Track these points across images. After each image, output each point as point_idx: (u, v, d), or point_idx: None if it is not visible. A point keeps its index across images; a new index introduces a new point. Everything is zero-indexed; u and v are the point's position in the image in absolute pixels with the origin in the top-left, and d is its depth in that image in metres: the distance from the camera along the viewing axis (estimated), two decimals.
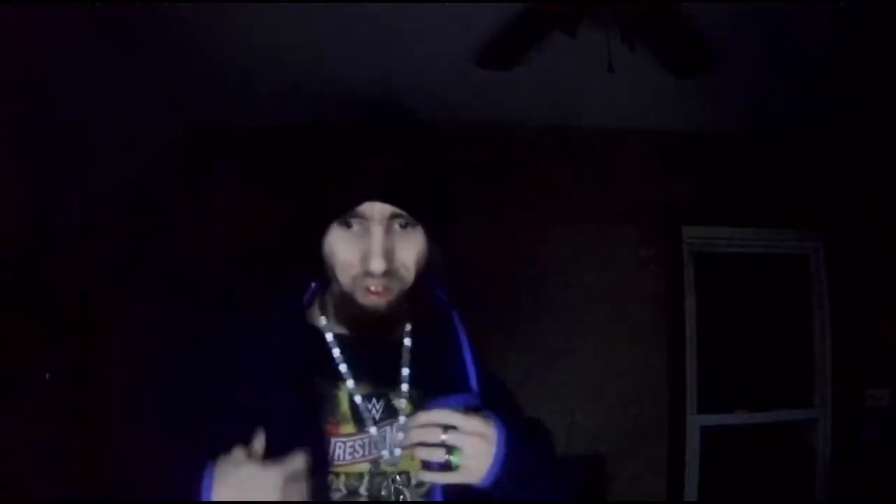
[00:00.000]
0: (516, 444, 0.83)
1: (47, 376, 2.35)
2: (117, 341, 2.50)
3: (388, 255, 0.80)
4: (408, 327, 0.94)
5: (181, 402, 0.83)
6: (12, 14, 1.67)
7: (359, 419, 0.86)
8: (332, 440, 0.83)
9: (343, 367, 0.87)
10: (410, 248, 0.82)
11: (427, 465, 0.83)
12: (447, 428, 0.81)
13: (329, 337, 0.89)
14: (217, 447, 0.77)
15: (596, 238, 2.95)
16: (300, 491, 0.76)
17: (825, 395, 2.99)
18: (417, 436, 0.82)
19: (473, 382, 0.92)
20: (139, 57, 2.22)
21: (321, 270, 0.85)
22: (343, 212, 0.80)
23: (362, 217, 0.80)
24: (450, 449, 0.81)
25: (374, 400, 0.87)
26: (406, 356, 0.91)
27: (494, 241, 2.72)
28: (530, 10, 1.84)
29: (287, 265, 0.91)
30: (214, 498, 0.73)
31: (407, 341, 0.92)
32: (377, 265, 0.79)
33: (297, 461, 0.76)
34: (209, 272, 2.42)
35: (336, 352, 0.88)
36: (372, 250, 0.79)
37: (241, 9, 1.97)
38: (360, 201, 0.79)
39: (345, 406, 0.86)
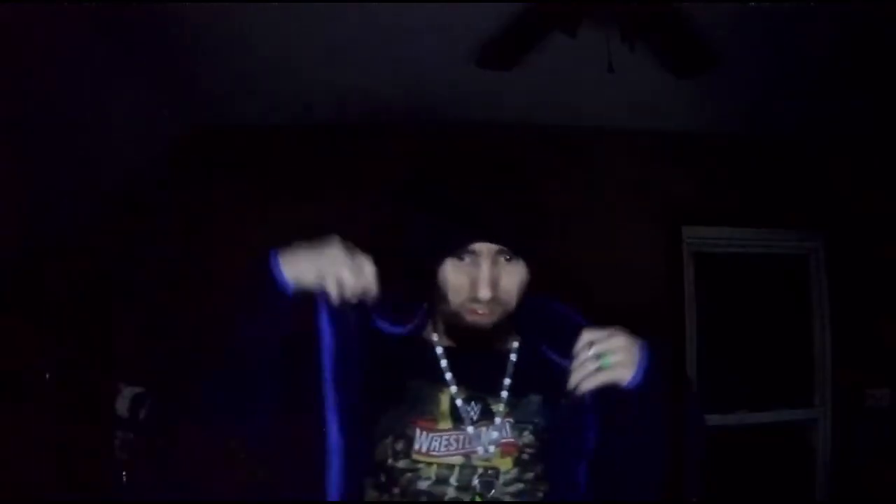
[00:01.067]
0: (657, 348, 0.95)
1: (47, 376, 2.35)
2: (121, 341, 2.50)
3: (494, 285, 0.95)
4: (514, 343, 1.07)
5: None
6: (12, 14, 1.67)
7: (457, 418, 0.99)
8: (429, 434, 0.97)
9: (448, 375, 1.02)
10: (513, 278, 0.98)
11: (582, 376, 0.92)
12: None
13: (439, 350, 1.04)
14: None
15: (595, 238, 2.95)
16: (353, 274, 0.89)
17: (825, 395, 2.99)
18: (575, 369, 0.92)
19: None
20: (139, 57, 2.22)
21: (433, 295, 1.00)
22: (460, 250, 0.96)
23: (473, 253, 0.96)
24: (598, 356, 0.91)
25: (473, 403, 1.01)
26: (510, 367, 1.04)
27: None
28: (530, 10, 1.85)
29: (406, 291, 1.06)
30: (284, 265, 0.88)
31: (513, 356, 1.06)
32: (485, 293, 0.95)
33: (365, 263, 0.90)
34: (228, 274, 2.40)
35: (444, 362, 1.03)
36: (480, 281, 0.95)
37: (242, 9, 1.97)
38: (473, 242, 0.95)
39: (444, 406, 1.00)
